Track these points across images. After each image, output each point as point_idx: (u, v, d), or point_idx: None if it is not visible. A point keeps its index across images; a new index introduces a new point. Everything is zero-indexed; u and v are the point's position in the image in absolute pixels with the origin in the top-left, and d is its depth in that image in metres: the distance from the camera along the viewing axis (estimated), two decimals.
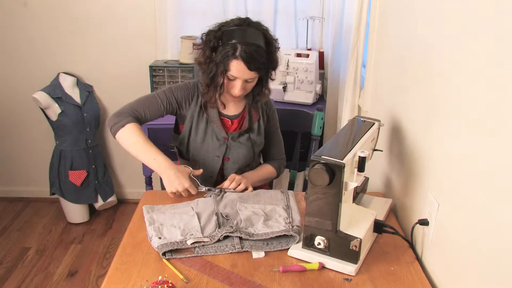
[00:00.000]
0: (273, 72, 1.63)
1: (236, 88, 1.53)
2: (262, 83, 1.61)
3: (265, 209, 1.43)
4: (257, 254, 1.26)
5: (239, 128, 1.69)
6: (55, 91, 2.69)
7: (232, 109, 1.69)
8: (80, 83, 2.82)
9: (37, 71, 2.83)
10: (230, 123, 1.68)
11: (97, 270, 2.48)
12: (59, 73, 2.78)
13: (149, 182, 2.54)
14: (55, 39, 2.79)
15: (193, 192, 1.50)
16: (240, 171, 1.70)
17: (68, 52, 2.82)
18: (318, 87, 2.60)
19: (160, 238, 1.27)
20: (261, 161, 1.87)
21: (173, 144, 1.75)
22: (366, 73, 1.95)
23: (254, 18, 1.59)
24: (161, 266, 1.20)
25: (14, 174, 3.15)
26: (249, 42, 1.48)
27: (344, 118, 2.14)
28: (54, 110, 2.68)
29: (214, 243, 1.28)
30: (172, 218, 1.37)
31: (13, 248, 2.64)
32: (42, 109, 2.70)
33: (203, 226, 1.34)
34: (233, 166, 1.69)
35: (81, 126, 2.74)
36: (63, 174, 2.77)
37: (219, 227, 1.34)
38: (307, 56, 2.54)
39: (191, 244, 1.26)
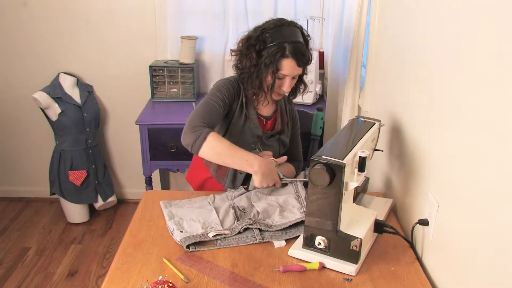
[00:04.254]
0: (307, 67, 1.68)
1: (285, 86, 1.58)
2: (301, 79, 1.69)
3: (279, 200, 1.48)
4: (279, 244, 1.31)
5: (272, 128, 1.74)
6: (55, 91, 2.69)
7: (265, 110, 1.73)
8: (80, 83, 2.82)
9: (37, 71, 2.83)
10: (264, 122, 1.73)
11: (97, 270, 2.48)
12: (59, 73, 2.78)
13: (149, 182, 2.54)
14: (55, 39, 2.79)
15: (278, 185, 1.55)
16: None
17: (68, 52, 2.82)
18: (318, 87, 2.60)
19: (181, 231, 1.30)
20: None
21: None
22: (366, 73, 1.95)
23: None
24: (161, 266, 1.20)
25: (14, 174, 3.15)
26: (295, 40, 1.53)
27: (344, 118, 2.13)
28: (54, 110, 2.68)
29: (235, 235, 1.32)
30: (190, 212, 1.41)
31: (13, 248, 2.64)
32: (42, 109, 2.70)
33: (222, 220, 1.38)
34: None
35: (81, 126, 2.74)
36: (63, 174, 2.77)
37: (238, 220, 1.38)
38: None
39: (212, 236, 1.30)
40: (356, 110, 2.10)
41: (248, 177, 1.70)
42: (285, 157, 1.65)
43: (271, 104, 1.74)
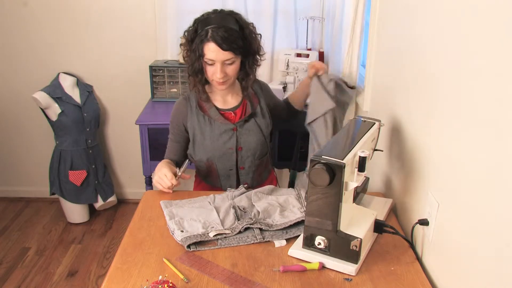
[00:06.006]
0: (257, 57, 1.67)
1: (217, 72, 1.57)
2: (245, 68, 1.65)
3: (279, 200, 1.48)
4: (279, 243, 1.31)
5: (243, 116, 1.73)
6: (55, 91, 2.69)
7: (231, 102, 1.73)
8: (80, 83, 2.82)
9: (37, 71, 2.83)
10: (233, 114, 1.72)
11: (97, 270, 2.48)
12: (59, 73, 2.78)
13: (149, 182, 2.54)
14: (55, 39, 2.79)
15: (173, 182, 1.56)
16: (258, 160, 1.76)
17: (68, 52, 2.82)
18: None
19: (182, 231, 1.30)
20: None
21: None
22: (366, 73, 1.95)
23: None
24: (161, 266, 1.20)
25: (14, 174, 3.15)
26: (220, 25, 1.53)
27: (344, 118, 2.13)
28: (54, 110, 2.68)
29: (236, 234, 1.33)
30: (191, 212, 1.41)
31: (13, 248, 2.64)
32: (42, 109, 2.70)
33: (223, 219, 1.38)
34: (248, 154, 1.73)
35: (81, 126, 2.74)
36: (63, 174, 2.77)
37: (238, 220, 1.38)
38: (307, 56, 2.54)
39: (213, 236, 1.30)
40: (356, 110, 2.10)
41: (238, 176, 1.75)
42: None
43: (235, 95, 1.74)
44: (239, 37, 1.56)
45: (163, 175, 1.55)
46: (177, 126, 1.73)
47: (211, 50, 1.54)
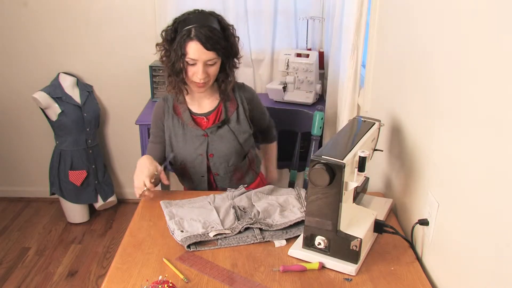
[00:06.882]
0: (235, 60, 1.65)
1: (198, 73, 1.54)
2: (226, 70, 1.62)
3: (279, 200, 1.48)
4: (279, 243, 1.31)
5: (216, 121, 1.69)
6: (55, 91, 2.69)
7: (207, 106, 1.70)
8: (80, 83, 2.82)
9: (37, 71, 2.83)
10: (205, 120, 1.69)
11: (97, 270, 2.48)
12: (59, 73, 2.78)
13: None
14: (55, 39, 2.79)
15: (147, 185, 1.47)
16: (233, 166, 1.71)
17: (68, 52, 2.82)
18: (318, 87, 2.60)
19: (182, 231, 1.30)
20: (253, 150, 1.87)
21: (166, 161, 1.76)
22: (366, 73, 1.95)
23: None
24: (161, 266, 1.20)
25: (14, 174, 3.15)
26: (203, 24, 1.51)
27: (344, 118, 2.14)
28: (54, 110, 2.68)
29: (235, 234, 1.32)
30: (191, 212, 1.41)
31: (13, 248, 2.64)
32: (42, 109, 2.70)
33: (223, 219, 1.38)
34: (220, 161, 1.68)
35: (81, 126, 2.74)
36: (63, 174, 2.77)
37: (238, 220, 1.38)
38: (307, 56, 2.54)
39: (213, 236, 1.30)
40: (356, 110, 2.10)
41: (214, 182, 1.73)
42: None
43: (212, 99, 1.70)
44: (221, 37, 1.54)
45: (140, 181, 1.47)
46: (156, 126, 1.71)
47: (194, 50, 1.50)
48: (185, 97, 1.68)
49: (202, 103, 1.70)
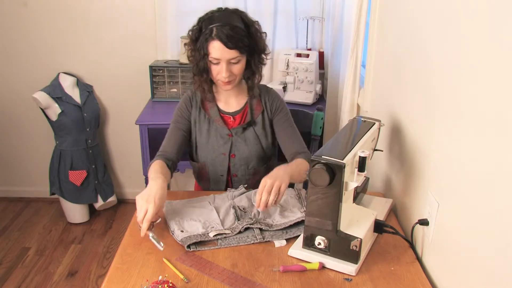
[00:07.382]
0: (263, 56, 1.62)
1: (222, 71, 1.53)
2: (251, 67, 1.61)
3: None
4: (279, 243, 1.31)
5: (242, 122, 1.68)
6: (55, 91, 2.69)
7: (234, 105, 1.69)
8: (80, 83, 2.82)
9: (37, 71, 2.83)
10: (231, 119, 1.68)
11: (97, 270, 2.48)
12: (59, 73, 2.78)
13: None
14: (55, 39, 2.79)
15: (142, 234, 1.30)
16: (253, 169, 1.70)
17: (68, 52, 2.82)
18: (318, 87, 2.60)
19: (182, 231, 1.30)
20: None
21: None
22: (366, 73, 1.95)
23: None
24: (161, 266, 1.20)
25: (14, 174, 3.15)
26: (224, 23, 1.50)
27: (344, 118, 2.14)
28: (54, 110, 2.68)
29: (236, 234, 1.32)
30: (191, 212, 1.41)
31: (13, 248, 2.64)
32: (42, 109, 2.70)
33: (223, 219, 1.38)
34: (241, 163, 1.68)
35: (81, 126, 2.74)
36: (63, 174, 2.77)
37: (238, 220, 1.38)
38: (307, 56, 2.54)
39: (213, 236, 1.30)
40: (356, 110, 2.10)
41: (231, 183, 1.71)
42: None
43: (239, 98, 1.69)
44: (244, 35, 1.52)
45: (142, 218, 1.30)
46: (182, 115, 1.66)
47: (216, 49, 1.49)
48: (214, 94, 1.67)
49: (229, 101, 1.69)
